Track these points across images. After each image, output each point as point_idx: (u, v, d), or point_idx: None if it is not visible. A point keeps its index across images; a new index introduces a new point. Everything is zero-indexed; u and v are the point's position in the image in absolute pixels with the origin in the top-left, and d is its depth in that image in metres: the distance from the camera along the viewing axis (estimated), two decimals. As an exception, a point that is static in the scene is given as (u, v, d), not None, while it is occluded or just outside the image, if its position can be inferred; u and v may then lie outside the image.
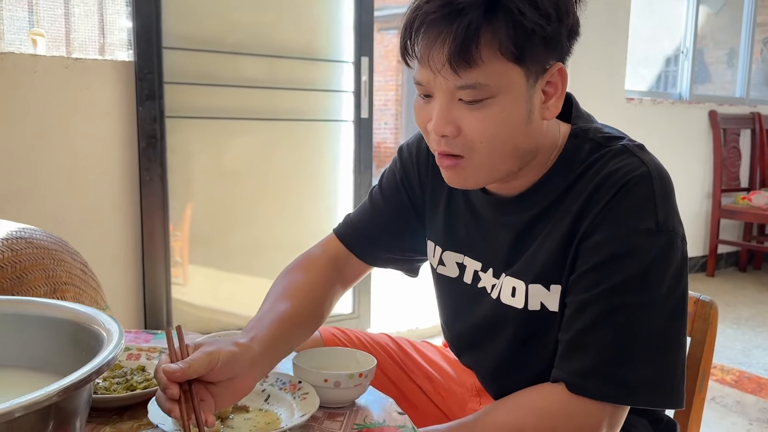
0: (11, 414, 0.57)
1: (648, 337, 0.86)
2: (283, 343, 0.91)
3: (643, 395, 0.87)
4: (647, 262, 0.85)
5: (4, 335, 0.84)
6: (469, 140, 0.86)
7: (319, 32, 2.84)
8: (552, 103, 0.89)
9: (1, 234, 1.24)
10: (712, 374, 2.64)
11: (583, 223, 0.88)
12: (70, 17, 2.48)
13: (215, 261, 2.80)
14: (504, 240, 0.98)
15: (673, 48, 4.60)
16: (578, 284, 0.89)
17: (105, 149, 2.41)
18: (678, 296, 0.90)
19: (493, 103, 0.84)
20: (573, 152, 0.93)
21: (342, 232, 1.15)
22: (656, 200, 0.87)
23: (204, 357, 0.75)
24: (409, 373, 1.20)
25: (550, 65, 0.86)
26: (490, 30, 0.80)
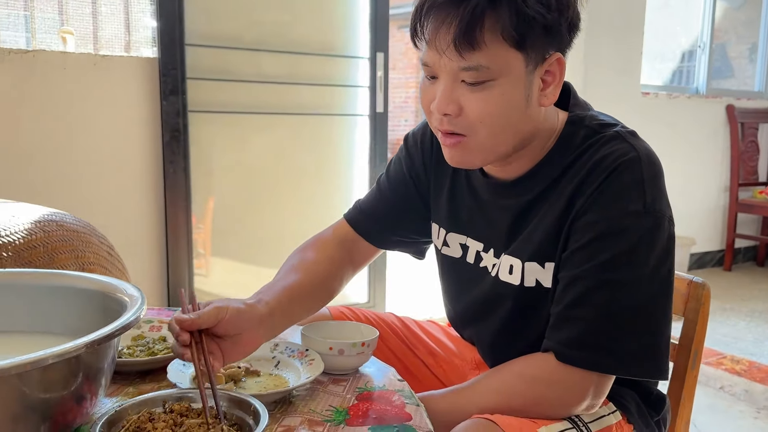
0: (45, 360, 0.65)
1: (634, 311, 0.92)
2: (289, 310, 0.98)
3: (627, 365, 0.92)
4: (634, 242, 0.91)
5: (40, 305, 0.94)
6: (470, 120, 0.91)
7: (336, 29, 2.91)
8: (550, 91, 0.94)
9: (34, 217, 1.33)
10: (721, 364, 2.67)
11: (576, 204, 0.94)
12: (97, 16, 2.57)
13: (236, 253, 2.89)
14: (503, 222, 1.04)
15: (690, 43, 4.60)
16: (569, 261, 0.94)
17: (131, 142, 2.50)
18: (664, 274, 0.94)
19: (493, 86, 0.89)
20: (569, 138, 0.98)
21: (351, 217, 1.22)
22: (645, 183, 0.92)
23: (213, 310, 0.83)
24: (413, 349, 1.27)
25: (550, 55, 0.92)
26: (494, 15, 0.85)
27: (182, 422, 0.74)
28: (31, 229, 1.28)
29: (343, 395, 0.92)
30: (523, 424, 0.92)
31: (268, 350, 1.01)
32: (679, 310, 1.26)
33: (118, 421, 0.74)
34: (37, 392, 0.68)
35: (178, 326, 0.81)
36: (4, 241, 1.22)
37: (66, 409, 0.72)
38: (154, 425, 0.73)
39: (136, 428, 0.72)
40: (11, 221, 1.28)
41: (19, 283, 0.95)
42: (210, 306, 0.84)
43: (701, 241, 4.39)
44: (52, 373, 0.69)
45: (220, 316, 0.83)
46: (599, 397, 0.95)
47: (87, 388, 0.74)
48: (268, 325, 0.92)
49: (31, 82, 2.29)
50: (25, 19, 2.46)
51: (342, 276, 1.17)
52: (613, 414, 1.04)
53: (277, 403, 0.88)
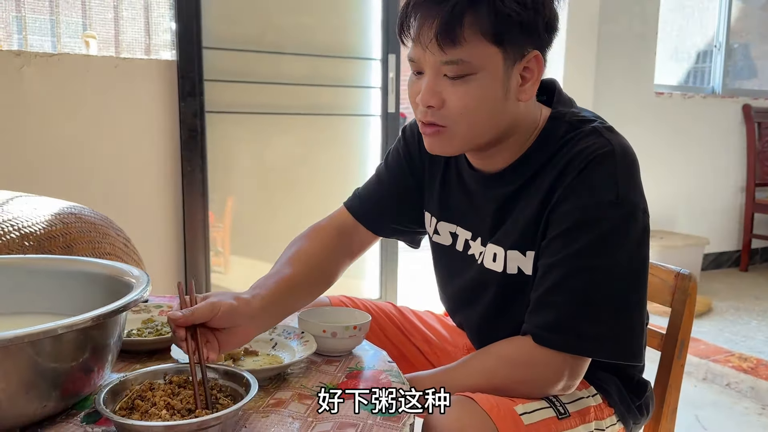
0: (55, 331, 0.73)
1: (608, 297, 0.96)
2: (283, 303, 1.03)
3: (602, 348, 0.97)
4: (607, 230, 0.95)
5: (54, 288, 1.01)
6: (451, 112, 0.97)
7: (349, 31, 2.98)
8: (528, 87, 0.99)
9: (54, 210, 1.42)
10: (729, 361, 2.68)
11: (554, 195, 0.99)
12: (119, 21, 2.67)
13: (255, 251, 2.96)
14: (488, 211, 1.09)
15: (706, 43, 4.59)
16: (547, 249, 1.00)
17: (150, 141, 2.60)
18: (637, 262, 0.99)
19: (473, 80, 0.94)
20: (550, 133, 1.03)
21: (351, 204, 1.28)
22: (618, 176, 0.96)
23: (206, 306, 0.87)
24: (409, 336, 1.33)
25: (528, 52, 0.97)
26: (474, 13, 0.91)
27: (179, 392, 0.81)
28: (51, 221, 1.37)
29: (334, 374, 0.99)
30: (501, 402, 0.97)
31: (267, 332, 1.08)
32: (666, 302, 1.30)
33: (122, 390, 0.81)
34: (48, 362, 0.75)
35: (173, 323, 0.86)
36: (26, 231, 1.31)
37: (75, 379, 0.80)
38: (154, 393, 0.80)
39: (138, 396, 0.79)
40: (33, 213, 1.36)
41: (35, 268, 1.03)
42: (205, 302, 0.88)
43: (717, 242, 4.38)
44: (62, 345, 0.76)
45: (214, 311, 0.87)
46: (575, 379, 1.00)
47: (94, 361, 0.81)
48: (262, 319, 0.97)
49: (56, 84, 2.39)
50: (51, 24, 2.57)
51: (338, 264, 1.21)
52: (593, 397, 1.09)
53: (271, 380, 0.95)
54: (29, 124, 2.37)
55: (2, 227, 1.28)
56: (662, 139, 4.09)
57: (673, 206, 4.19)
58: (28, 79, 2.34)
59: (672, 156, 4.16)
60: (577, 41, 3.53)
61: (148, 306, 1.21)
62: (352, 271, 3.11)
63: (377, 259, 3.17)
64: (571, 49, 3.51)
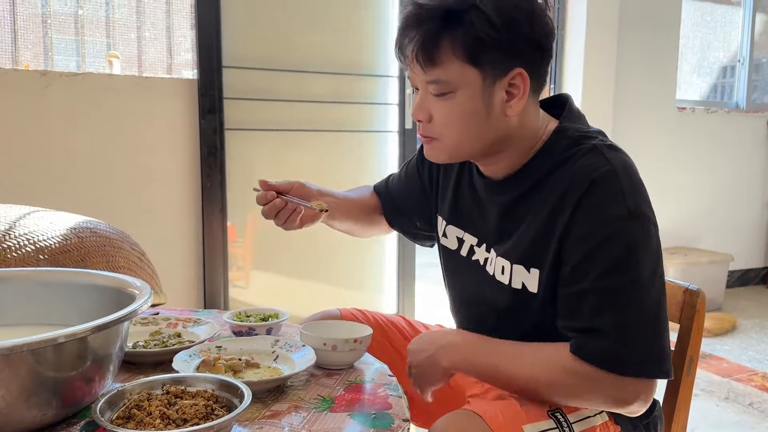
0: (55, 340, 0.75)
1: (644, 314, 0.96)
2: (339, 203, 1.29)
3: (645, 368, 0.96)
4: (625, 245, 0.96)
5: (63, 300, 1.04)
6: (437, 126, 1.05)
7: (366, 49, 3.02)
8: (514, 103, 1.02)
9: (70, 224, 1.46)
10: (751, 380, 2.63)
11: (560, 218, 1.00)
12: (141, 41, 2.75)
13: (276, 266, 3.00)
14: (493, 216, 1.13)
15: (730, 58, 4.55)
16: (572, 277, 0.99)
17: (171, 158, 2.65)
18: (659, 276, 0.99)
19: (453, 97, 1.01)
20: (552, 145, 1.06)
21: (378, 190, 1.43)
22: (624, 191, 0.97)
23: (284, 181, 1.20)
24: None
25: (512, 70, 1.00)
26: (449, 36, 0.97)
27: (176, 402, 0.83)
28: (66, 235, 1.40)
29: (333, 386, 1.00)
30: (509, 420, 0.97)
31: (269, 345, 1.10)
32: (674, 318, 1.28)
33: (120, 400, 0.83)
34: (49, 371, 0.77)
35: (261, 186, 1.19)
36: (42, 245, 1.35)
37: (75, 388, 0.82)
38: (150, 403, 0.81)
39: (135, 406, 0.81)
40: (49, 228, 1.40)
41: (45, 281, 1.06)
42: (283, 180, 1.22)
43: (743, 258, 4.30)
44: (62, 354, 0.78)
45: (291, 185, 1.21)
46: (647, 400, 0.99)
47: (94, 371, 0.84)
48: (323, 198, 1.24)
49: (80, 103, 2.46)
50: (76, 44, 2.65)
51: (372, 218, 1.41)
52: (599, 414, 1.08)
53: (270, 392, 0.96)
54: (53, 142, 2.44)
55: (18, 241, 1.32)
56: (685, 155, 4.05)
57: (697, 222, 4.13)
58: (53, 98, 2.41)
59: (695, 172, 4.11)
60: (596, 56, 3.52)
61: (157, 318, 1.24)
62: (370, 286, 3.15)
63: (395, 275, 3.18)
64: (590, 64, 3.50)
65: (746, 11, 4.39)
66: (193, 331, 1.19)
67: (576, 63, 3.53)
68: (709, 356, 2.95)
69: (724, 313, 3.58)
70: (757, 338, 3.27)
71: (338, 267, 3.11)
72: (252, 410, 0.90)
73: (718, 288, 3.81)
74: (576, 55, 3.53)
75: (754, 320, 3.58)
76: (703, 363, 2.84)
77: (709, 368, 2.77)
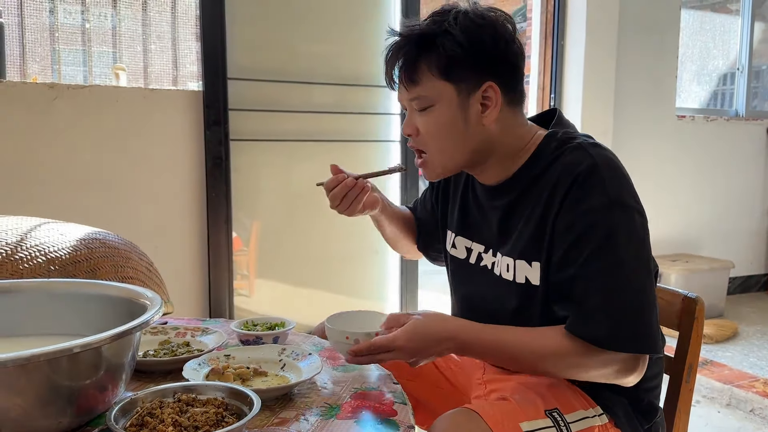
0: (70, 350, 0.77)
1: (629, 295, 1.03)
2: (390, 206, 1.43)
3: (632, 344, 1.02)
4: (606, 231, 1.03)
5: (75, 310, 1.07)
6: (422, 138, 1.17)
7: (368, 60, 3.05)
8: (489, 113, 1.13)
9: (80, 235, 1.49)
10: (753, 386, 2.64)
11: (551, 211, 1.08)
12: (147, 53, 2.79)
13: (280, 274, 3.02)
14: (494, 220, 1.21)
15: (728, 66, 4.57)
16: (561, 264, 1.07)
17: (176, 168, 2.68)
18: (644, 259, 1.06)
19: (433, 110, 1.14)
20: (543, 149, 1.15)
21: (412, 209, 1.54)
22: (605, 183, 1.05)
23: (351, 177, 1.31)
24: None
25: (483, 83, 1.11)
26: (424, 57, 1.12)
27: (187, 410, 0.85)
28: (76, 246, 1.43)
29: (339, 394, 1.02)
30: (506, 418, 1.01)
31: (276, 354, 1.12)
32: (673, 325, 1.31)
33: (132, 407, 0.85)
34: (64, 380, 0.80)
35: (334, 170, 1.30)
36: (52, 256, 1.38)
37: (89, 396, 0.84)
38: (163, 411, 0.84)
39: (148, 413, 0.84)
40: (59, 239, 1.43)
41: (57, 292, 1.09)
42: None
43: (745, 265, 4.32)
44: (77, 363, 0.81)
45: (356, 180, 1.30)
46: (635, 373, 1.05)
47: (108, 380, 0.86)
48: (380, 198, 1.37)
49: (86, 114, 2.49)
50: (83, 57, 2.68)
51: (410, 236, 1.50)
52: (599, 417, 1.11)
53: (278, 399, 0.99)
54: (61, 153, 2.47)
55: (30, 252, 1.35)
56: (685, 163, 4.08)
57: (698, 230, 4.15)
58: (61, 110, 2.44)
59: (695, 179, 4.13)
60: (595, 65, 3.55)
61: (166, 328, 1.26)
62: (373, 294, 3.17)
63: (397, 283, 3.20)
64: (589, 73, 3.53)
65: (744, 19, 4.42)
66: (202, 340, 1.21)
67: (576, 72, 3.56)
68: (711, 363, 2.97)
69: (725, 320, 3.59)
70: (758, 345, 3.28)
71: (341, 276, 3.13)
72: (261, 417, 0.92)
73: (719, 295, 3.83)
74: (576, 64, 3.56)
75: (756, 327, 3.59)
76: (705, 370, 2.86)
77: (711, 375, 2.79)
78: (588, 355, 1.02)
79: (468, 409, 1.01)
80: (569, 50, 3.59)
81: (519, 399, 1.07)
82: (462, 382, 1.33)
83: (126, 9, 2.73)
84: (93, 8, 2.68)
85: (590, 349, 1.02)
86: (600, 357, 1.02)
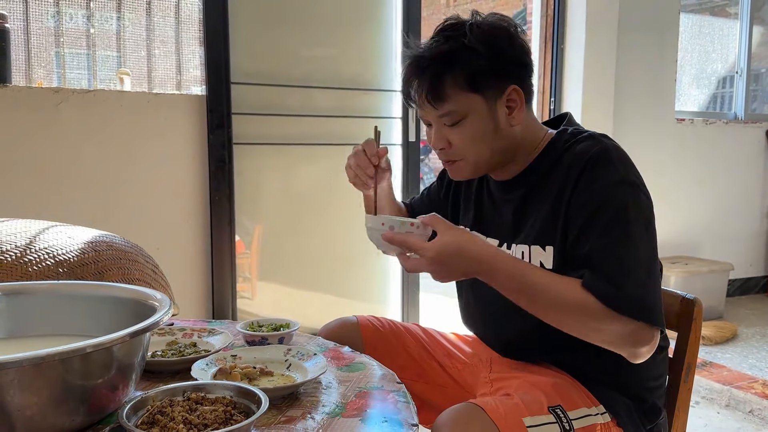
0: (83, 350, 0.80)
1: (638, 265, 1.06)
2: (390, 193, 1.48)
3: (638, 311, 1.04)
4: (620, 205, 1.08)
5: (85, 311, 1.09)
6: (457, 149, 1.20)
7: (370, 65, 3.09)
8: (515, 114, 1.19)
9: (87, 238, 1.51)
10: (752, 387, 2.66)
11: (565, 194, 1.13)
12: (151, 58, 2.81)
13: (282, 277, 3.05)
14: (508, 213, 1.26)
15: (728, 69, 4.60)
16: (578, 242, 1.11)
17: (180, 172, 2.71)
18: (652, 238, 1.10)
19: (466, 123, 1.17)
20: (555, 144, 1.22)
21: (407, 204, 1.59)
22: (616, 163, 1.11)
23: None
24: (432, 351, 1.41)
25: (507, 88, 1.17)
26: (450, 74, 1.15)
27: (197, 408, 0.87)
28: (83, 249, 1.45)
29: (345, 393, 1.04)
30: (509, 412, 1.03)
31: (282, 354, 1.14)
32: (672, 326, 1.33)
33: (143, 406, 0.87)
34: (77, 379, 0.82)
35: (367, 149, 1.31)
36: (61, 259, 1.40)
37: (101, 395, 0.86)
38: (173, 409, 0.86)
39: (158, 411, 0.86)
40: (67, 242, 1.45)
41: (67, 293, 1.11)
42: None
43: (744, 267, 4.34)
44: (90, 363, 0.83)
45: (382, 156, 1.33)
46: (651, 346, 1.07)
47: (119, 379, 0.88)
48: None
49: (91, 119, 2.52)
50: (88, 61, 2.71)
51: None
52: (601, 415, 1.14)
53: (284, 398, 1.01)
54: (66, 157, 2.50)
55: (38, 255, 1.37)
56: (685, 166, 4.10)
57: (698, 232, 4.17)
58: (66, 115, 2.47)
59: (695, 182, 4.15)
60: (595, 69, 3.58)
61: (173, 329, 1.28)
62: (375, 297, 3.19)
63: (399, 286, 3.22)
64: (589, 78, 3.56)
65: (743, 23, 4.44)
66: (208, 340, 1.23)
67: (575, 77, 3.58)
68: (710, 364, 2.98)
69: (724, 322, 3.61)
70: (757, 346, 3.30)
71: (343, 278, 3.15)
72: (268, 416, 0.94)
73: (718, 297, 3.84)
74: (575, 69, 3.58)
75: (755, 328, 3.61)
76: (704, 371, 2.87)
77: (710, 376, 2.80)
78: (598, 313, 1.03)
79: (472, 404, 1.03)
80: (569, 54, 3.62)
81: (523, 395, 1.09)
82: (469, 381, 1.35)
83: (130, 13, 2.76)
84: (97, 12, 2.71)
85: (601, 307, 1.03)
86: (610, 318, 1.03)
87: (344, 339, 1.33)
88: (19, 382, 0.76)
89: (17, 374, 0.76)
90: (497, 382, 1.22)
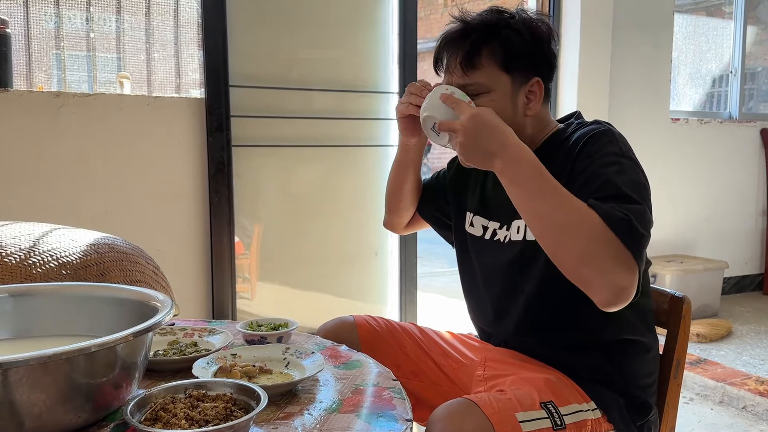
0: (88, 349, 0.82)
1: (642, 217, 1.07)
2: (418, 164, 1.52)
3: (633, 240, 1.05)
4: (619, 169, 1.11)
5: (89, 312, 1.11)
6: None
7: (368, 67, 3.11)
8: (532, 105, 1.26)
9: (89, 240, 1.54)
10: (745, 384, 2.69)
11: (567, 166, 1.18)
12: (151, 62, 2.84)
13: (281, 277, 3.07)
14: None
15: (722, 69, 4.63)
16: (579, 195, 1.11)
17: (180, 174, 2.73)
18: (648, 204, 1.11)
19: (487, 96, 1.23)
20: (560, 132, 1.29)
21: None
22: (617, 140, 1.17)
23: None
24: (427, 350, 1.44)
25: (531, 78, 1.24)
26: (489, 47, 1.22)
27: (198, 405, 0.91)
28: (86, 251, 1.48)
29: (341, 389, 1.07)
30: (503, 408, 1.06)
31: (280, 352, 1.17)
32: (662, 323, 1.36)
33: (146, 403, 0.90)
34: (82, 377, 0.85)
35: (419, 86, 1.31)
36: (64, 261, 1.43)
37: (105, 393, 0.89)
38: (175, 406, 0.89)
39: (161, 408, 0.89)
40: (70, 244, 1.48)
41: (72, 294, 1.13)
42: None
43: (739, 265, 4.37)
44: (94, 362, 0.86)
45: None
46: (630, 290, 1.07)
47: (123, 377, 0.91)
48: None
49: (92, 122, 2.54)
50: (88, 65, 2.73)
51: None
52: (592, 411, 1.16)
53: (283, 395, 1.04)
54: (67, 161, 2.52)
55: (42, 257, 1.40)
56: (680, 165, 4.13)
57: (693, 231, 4.20)
58: (66, 118, 2.50)
59: (690, 181, 4.18)
60: (590, 69, 3.61)
61: (174, 329, 1.31)
62: (373, 297, 3.22)
63: (397, 285, 3.25)
64: (584, 77, 3.59)
65: (737, 23, 4.47)
66: (209, 340, 1.26)
67: (570, 76, 3.61)
68: (705, 361, 3.01)
69: (719, 320, 3.64)
70: (751, 343, 3.33)
71: (341, 278, 3.18)
72: (267, 412, 0.97)
73: (713, 294, 3.87)
74: (570, 68, 3.61)
75: (750, 326, 3.64)
76: (698, 368, 2.91)
77: (704, 373, 2.83)
78: (598, 228, 1.04)
79: (466, 399, 1.06)
80: (564, 54, 3.65)
81: (516, 391, 1.12)
82: (463, 379, 1.37)
83: (129, 17, 2.79)
84: (97, 15, 2.73)
85: (601, 224, 1.04)
86: (608, 240, 1.04)
87: (341, 338, 1.36)
88: (27, 381, 0.79)
89: (25, 373, 0.78)
90: (491, 380, 1.25)
